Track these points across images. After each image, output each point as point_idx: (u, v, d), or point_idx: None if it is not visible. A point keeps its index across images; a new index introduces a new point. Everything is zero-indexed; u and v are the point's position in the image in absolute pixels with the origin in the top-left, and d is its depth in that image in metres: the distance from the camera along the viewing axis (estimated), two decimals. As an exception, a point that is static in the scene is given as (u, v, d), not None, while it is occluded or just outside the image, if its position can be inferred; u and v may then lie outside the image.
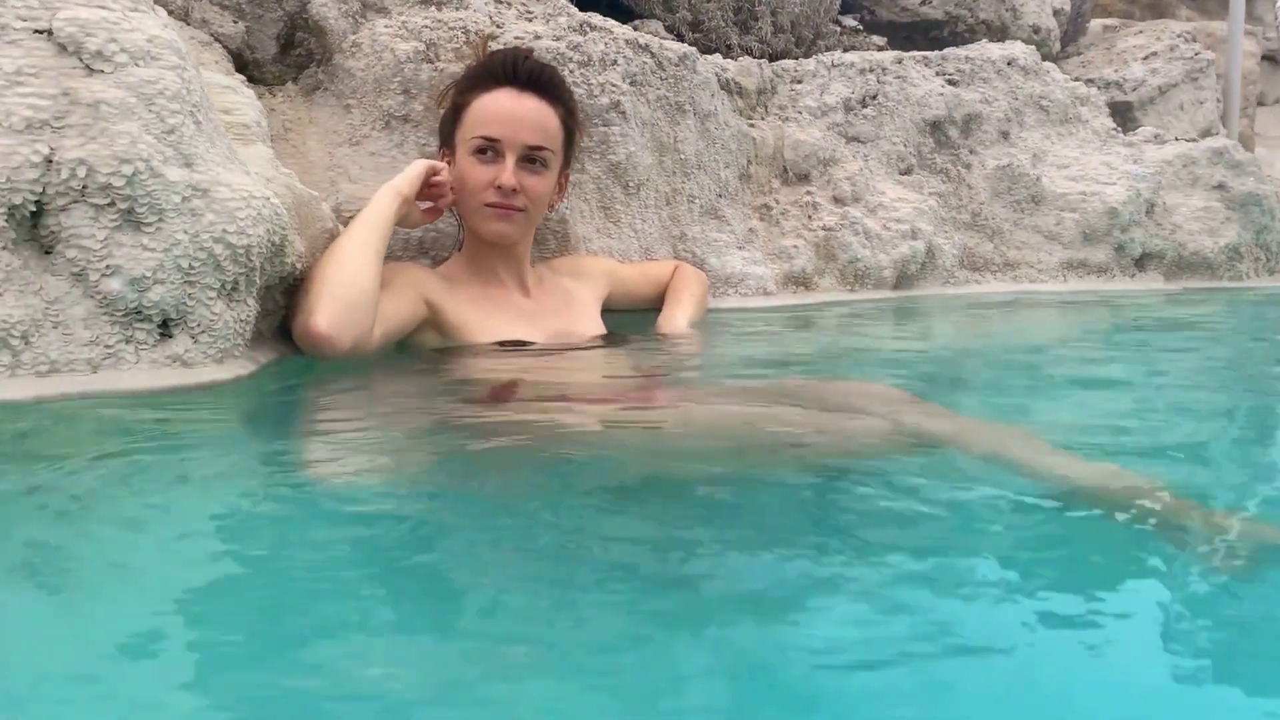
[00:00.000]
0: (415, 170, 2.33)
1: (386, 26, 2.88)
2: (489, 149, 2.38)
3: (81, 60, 1.78)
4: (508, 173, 2.37)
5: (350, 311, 2.04)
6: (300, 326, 2.04)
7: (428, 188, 2.36)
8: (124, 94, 1.77)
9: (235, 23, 2.98)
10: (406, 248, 2.73)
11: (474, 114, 2.41)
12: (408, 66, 2.82)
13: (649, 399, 2.08)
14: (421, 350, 2.31)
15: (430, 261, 2.70)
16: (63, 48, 1.78)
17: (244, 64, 2.93)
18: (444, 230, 2.78)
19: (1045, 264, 3.92)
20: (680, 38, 3.84)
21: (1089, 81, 4.98)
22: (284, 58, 3.11)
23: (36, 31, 1.78)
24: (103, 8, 1.83)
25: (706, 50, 3.67)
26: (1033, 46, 4.39)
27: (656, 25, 3.99)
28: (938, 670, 0.91)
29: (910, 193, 3.69)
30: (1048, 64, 4.40)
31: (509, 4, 3.19)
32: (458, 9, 2.99)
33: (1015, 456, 1.52)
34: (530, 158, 2.41)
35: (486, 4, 3.07)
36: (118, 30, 1.81)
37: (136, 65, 1.81)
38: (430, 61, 2.84)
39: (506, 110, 2.39)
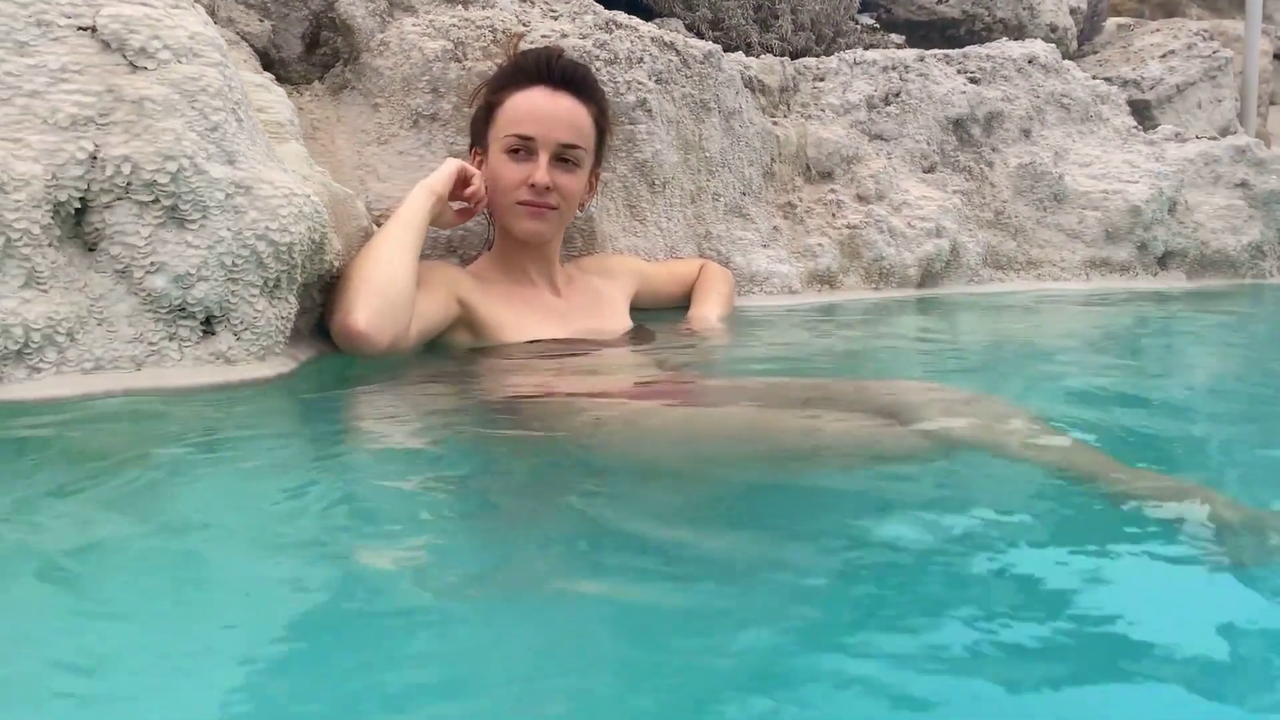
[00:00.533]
0: (448, 169, 2.33)
1: (414, 25, 2.89)
2: (522, 147, 2.39)
3: (125, 57, 1.78)
4: (541, 171, 2.37)
5: (388, 309, 2.05)
6: (339, 324, 2.05)
7: (459, 191, 2.36)
8: (167, 91, 1.78)
9: (261, 21, 2.98)
10: (435, 247, 2.73)
11: (507, 112, 2.41)
12: (436, 65, 2.82)
13: (681, 397, 2.08)
14: (453, 349, 2.31)
15: (459, 261, 2.70)
16: (106, 44, 1.78)
17: (269, 63, 2.94)
18: (472, 230, 2.78)
19: (1068, 262, 3.92)
20: (700, 36, 3.84)
21: (1106, 80, 4.97)
22: (309, 57, 3.12)
23: (80, 28, 1.78)
24: (145, 4, 1.84)
25: (727, 48, 3.66)
26: (1053, 45, 4.38)
27: (676, 24, 3.99)
28: (984, 682, 0.91)
29: (934, 191, 3.69)
30: (1067, 62, 4.40)
31: (532, 3, 3.20)
32: (484, 8, 3.00)
33: (1078, 465, 1.51)
34: (563, 156, 2.41)
35: (513, 2, 3.07)
36: (160, 27, 1.81)
37: (179, 62, 1.81)
38: (458, 60, 2.84)
39: (540, 108, 2.39)
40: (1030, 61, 4.18)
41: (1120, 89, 4.69)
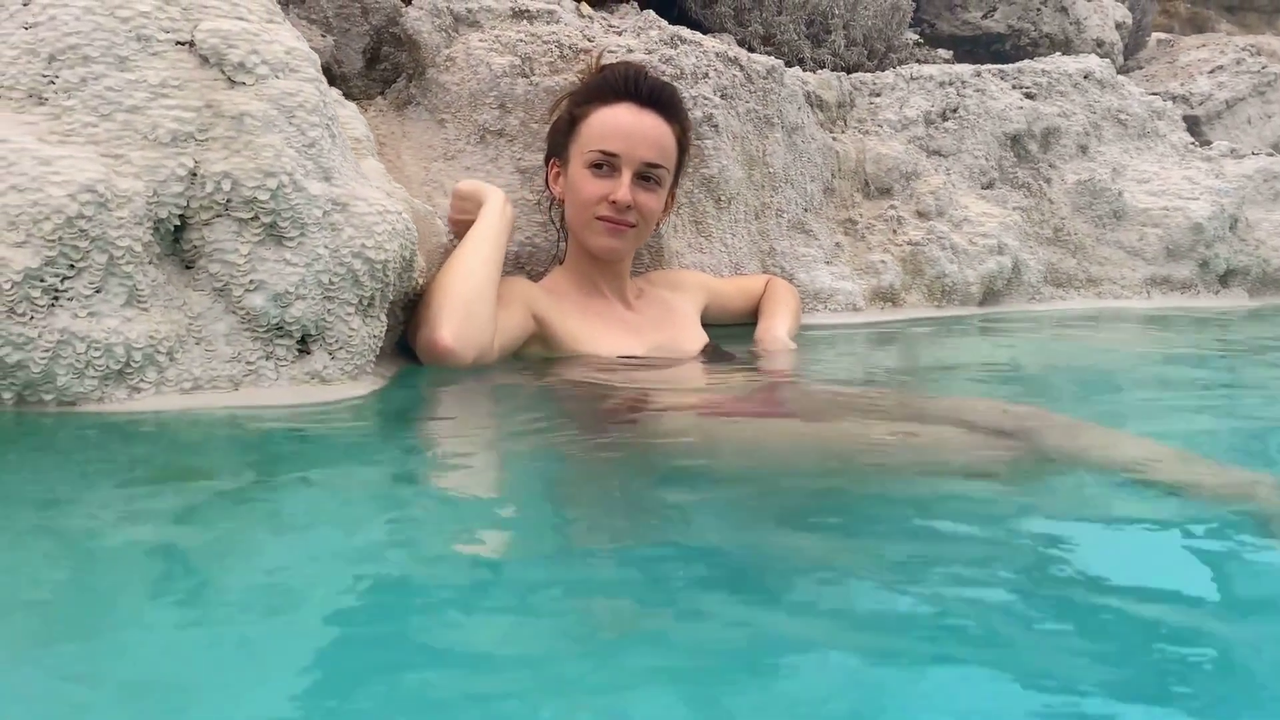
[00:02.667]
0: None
1: (481, 41, 2.88)
2: (605, 163, 2.38)
3: (223, 72, 1.78)
4: (623, 189, 2.36)
5: (473, 325, 2.05)
6: (425, 340, 2.04)
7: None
8: (266, 106, 1.77)
9: (324, 36, 2.98)
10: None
11: (592, 127, 2.40)
12: (504, 81, 2.81)
13: (760, 412, 2.07)
14: (531, 361, 2.31)
15: (527, 277, 2.69)
16: (205, 59, 1.78)
17: (331, 79, 2.93)
18: (540, 246, 2.77)
19: (1129, 280, 3.89)
20: (751, 52, 3.83)
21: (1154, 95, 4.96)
22: (369, 72, 3.12)
23: (179, 43, 1.78)
24: (241, 19, 1.83)
25: (781, 64, 3.65)
26: (1107, 60, 4.37)
27: (729, 39, 3.98)
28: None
29: (994, 207, 3.67)
30: (1122, 77, 4.39)
31: (591, 19, 3.19)
32: (549, 23, 2.99)
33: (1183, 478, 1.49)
34: (645, 175, 2.40)
35: (577, 18, 3.07)
36: (258, 41, 1.81)
37: (277, 77, 1.81)
38: (525, 76, 2.83)
39: (627, 125, 2.38)
40: (1086, 77, 4.17)
41: (1173, 105, 4.67)
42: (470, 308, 2.08)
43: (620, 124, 2.38)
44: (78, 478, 1.41)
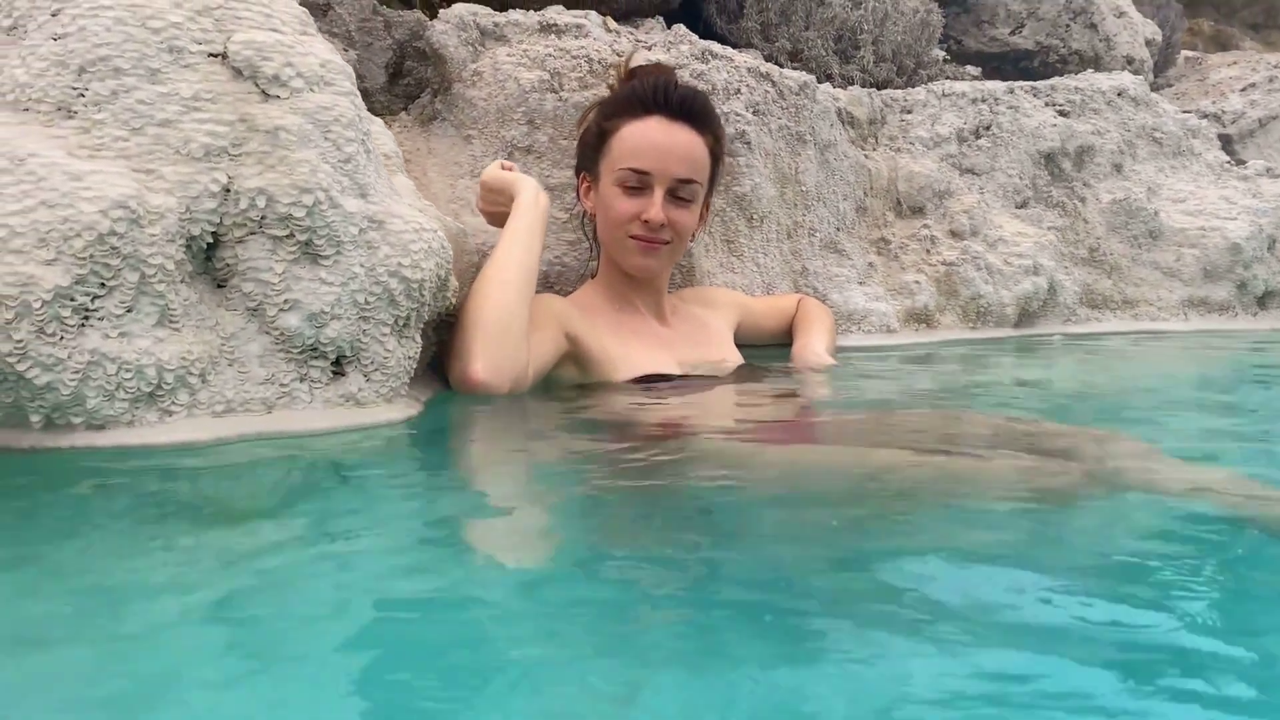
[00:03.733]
0: (527, 183, 2.33)
1: (508, 55, 2.85)
2: (637, 181, 2.33)
3: (257, 85, 1.74)
4: (656, 208, 2.32)
5: (506, 356, 2.01)
6: (459, 373, 2.01)
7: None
8: (301, 120, 1.73)
9: (346, 51, 2.95)
10: (531, 282, 2.68)
11: (623, 143, 2.35)
12: (532, 96, 2.78)
13: (793, 434, 2.02)
14: (562, 383, 2.26)
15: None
16: (238, 72, 1.74)
17: (356, 93, 2.90)
18: (570, 265, 2.73)
19: (1165, 301, 3.84)
20: (779, 67, 3.80)
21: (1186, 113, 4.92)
22: (392, 87, 3.09)
23: (211, 55, 1.74)
24: (275, 31, 1.80)
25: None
26: (1140, 77, 4.33)
27: (755, 54, 3.95)
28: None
29: (1028, 227, 3.62)
30: (1156, 95, 4.35)
31: (617, 33, 3.16)
32: (577, 37, 2.96)
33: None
34: (678, 191, 2.36)
35: (605, 32, 3.04)
36: (293, 54, 1.77)
37: (311, 90, 1.77)
38: (554, 91, 2.80)
39: (658, 141, 2.33)
40: (1119, 94, 4.13)
41: (1206, 123, 4.63)
42: (503, 337, 2.03)
43: (651, 140, 2.33)
44: (108, 519, 1.36)
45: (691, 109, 2.38)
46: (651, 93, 2.37)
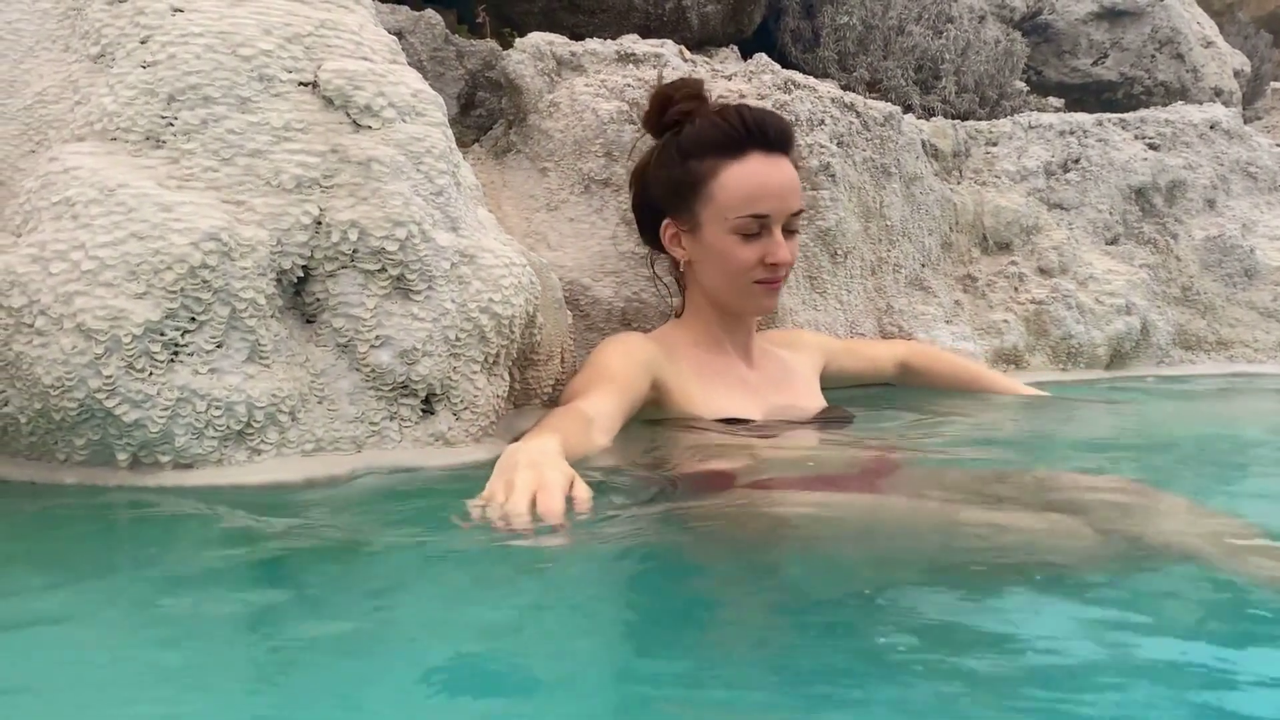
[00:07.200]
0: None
1: (586, 85, 2.85)
2: (758, 227, 2.30)
3: (349, 115, 1.74)
4: (783, 248, 2.28)
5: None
6: None
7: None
8: (394, 152, 1.73)
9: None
10: (609, 319, 2.66)
11: (730, 190, 2.29)
12: (610, 128, 2.77)
13: (870, 486, 1.98)
14: (644, 425, 2.23)
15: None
16: (329, 101, 1.74)
17: (429, 124, 2.91)
18: (648, 301, 2.71)
19: (1262, 343, 3.76)
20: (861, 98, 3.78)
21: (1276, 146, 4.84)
22: (464, 118, 3.09)
23: (302, 84, 1.74)
24: (365, 59, 1.80)
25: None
26: (1235, 109, 4.27)
27: (831, 85, 3.94)
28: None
29: (1119, 264, 3.57)
30: (1249, 128, 4.28)
31: (694, 62, 3.15)
32: (655, 66, 2.96)
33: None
34: (790, 224, 2.34)
35: (683, 62, 3.03)
36: (384, 83, 1.77)
37: (404, 121, 1.77)
38: (633, 123, 2.79)
39: (769, 183, 2.28)
40: (1212, 127, 4.07)
41: (1302, 156, 4.55)
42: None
43: (763, 182, 2.28)
44: (202, 565, 1.35)
45: (784, 138, 2.35)
46: (744, 128, 2.32)
